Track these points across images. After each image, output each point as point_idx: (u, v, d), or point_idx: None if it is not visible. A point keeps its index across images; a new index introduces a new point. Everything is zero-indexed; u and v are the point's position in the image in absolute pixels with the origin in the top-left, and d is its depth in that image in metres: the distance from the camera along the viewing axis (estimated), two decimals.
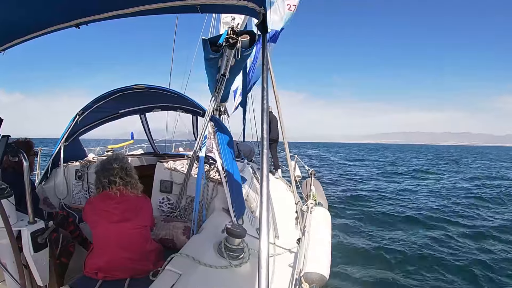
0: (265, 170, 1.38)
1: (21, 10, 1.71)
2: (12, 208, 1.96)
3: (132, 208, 2.19)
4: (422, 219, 9.84)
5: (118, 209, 2.14)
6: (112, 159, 2.28)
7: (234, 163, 3.07)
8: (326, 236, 2.88)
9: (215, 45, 2.62)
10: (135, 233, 2.17)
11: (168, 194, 3.31)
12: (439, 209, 11.28)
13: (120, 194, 2.18)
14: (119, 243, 2.11)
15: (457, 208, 11.63)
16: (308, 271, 2.28)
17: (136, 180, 2.32)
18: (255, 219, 3.41)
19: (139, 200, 2.28)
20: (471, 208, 11.84)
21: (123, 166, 2.24)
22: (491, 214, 10.93)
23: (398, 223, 9.57)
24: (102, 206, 2.15)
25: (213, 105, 3.07)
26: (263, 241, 1.18)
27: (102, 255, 2.12)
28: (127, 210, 2.17)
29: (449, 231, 8.73)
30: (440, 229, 8.95)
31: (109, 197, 2.17)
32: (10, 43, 2.05)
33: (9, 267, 1.95)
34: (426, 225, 9.31)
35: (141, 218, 2.22)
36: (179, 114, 5.25)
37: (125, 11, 1.74)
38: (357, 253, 6.99)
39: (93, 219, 2.18)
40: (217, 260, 2.04)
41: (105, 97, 3.66)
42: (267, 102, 1.58)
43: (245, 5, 1.56)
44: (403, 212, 10.97)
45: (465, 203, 12.50)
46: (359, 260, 6.59)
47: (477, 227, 9.14)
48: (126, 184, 2.21)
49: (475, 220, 10.14)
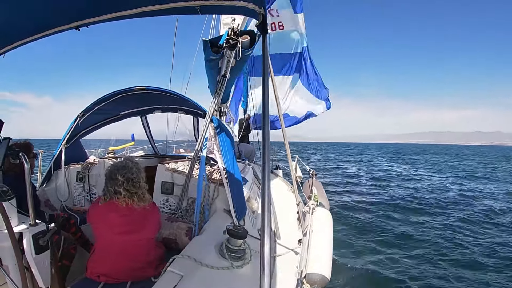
0: (266, 170, 1.38)
1: (21, 13, 1.72)
2: (13, 211, 1.97)
3: (137, 221, 2.12)
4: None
5: (123, 222, 2.08)
6: (118, 169, 2.14)
7: (235, 164, 3.06)
8: (327, 237, 2.87)
9: (216, 46, 2.62)
10: (139, 245, 2.12)
11: (169, 196, 3.31)
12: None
13: (126, 206, 2.10)
14: (121, 253, 2.08)
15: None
16: (309, 272, 2.28)
17: (144, 190, 2.20)
18: (257, 220, 3.40)
19: (146, 212, 2.18)
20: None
21: (129, 178, 2.11)
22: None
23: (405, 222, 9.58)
24: (107, 216, 2.08)
25: (213, 106, 3.07)
26: (265, 242, 1.18)
27: (104, 262, 2.10)
28: (132, 223, 2.10)
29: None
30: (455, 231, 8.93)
31: (115, 208, 2.09)
32: (10, 45, 2.05)
33: (10, 269, 1.95)
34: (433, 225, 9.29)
35: (146, 231, 2.15)
36: (179, 116, 5.25)
37: (125, 12, 1.74)
38: (359, 254, 6.99)
39: (97, 226, 2.14)
40: (219, 261, 2.04)
41: (106, 99, 3.66)
42: (267, 103, 1.58)
43: (245, 6, 1.56)
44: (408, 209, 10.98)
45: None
46: (361, 260, 6.59)
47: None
48: (132, 196, 2.11)
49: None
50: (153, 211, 2.27)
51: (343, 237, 7.91)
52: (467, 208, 12.09)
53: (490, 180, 22.50)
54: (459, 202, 13.30)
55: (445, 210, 11.57)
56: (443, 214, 10.89)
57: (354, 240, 7.91)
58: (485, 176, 25.05)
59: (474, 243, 7.87)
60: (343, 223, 9.25)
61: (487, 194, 15.76)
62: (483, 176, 25.05)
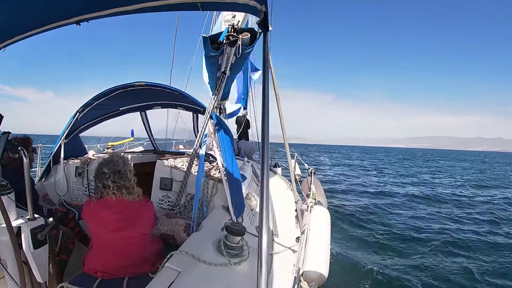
0: (265, 168, 1.38)
1: (21, 7, 1.71)
2: (12, 205, 1.97)
3: (130, 217, 2.12)
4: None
5: (116, 219, 2.08)
6: (104, 164, 2.18)
7: (234, 161, 3.06)
8: (325, 235, 2.88)
9: (216, 43, 2.62)
10: (133, 242, 2.13)
11: (168, 192, 3.31)
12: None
13: (117, 200, 2.11)
14: (115, 250, 2.09)
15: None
16: (307, 269, 2.29)
17: (132, 183, 2.21)
18: (255, 217, 3.41)
19: (138, 206, 2.19)
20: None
21: (115, 170, 2.13)
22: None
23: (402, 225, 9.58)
24: (100, 213, 2.09)
25: (213, 103, 3.07)
26: (263, 239, 1.18)
27: (99, 258, 2.11)
28: (125, 219, 2.10)
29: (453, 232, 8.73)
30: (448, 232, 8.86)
31: (106, 205, 2.10)
32: (10, 39, 2.04)
33: (8, 264, 1.95)
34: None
35: (139, 227, 2.15)
36: (179, 112, 5.24)
37: (126, 8, 1.73)
38: (357, 252, 7.02)
39: (91, 224, 2.16)
40: (217, 258, 2.05)
41: (106, 94, 3.66)
42: (268, 101, 1.58)
43: (247, 3, 1.55)
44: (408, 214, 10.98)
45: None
46: (359, 259, 6.61)
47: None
48: (120, 189, 2.12)
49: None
50: (147, 206, 2.27)
51: (341, 236, 7.94)
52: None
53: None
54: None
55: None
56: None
57: (352, 238, 7.94)
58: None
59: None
60: (342, 221, 9.28)
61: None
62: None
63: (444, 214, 11.18)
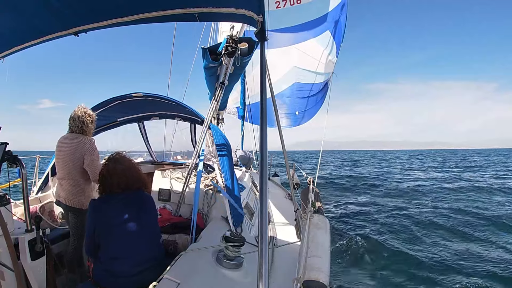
0: (264, 177, 1.38)
1: (20, 18, 1.73)
2: (10, 216, 1.95)
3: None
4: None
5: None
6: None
7: (232, 171, 3.06)
8: (325, 244, 2.86)
9: (215, 54, 2.64)
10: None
11: (166, 203, 3.29)
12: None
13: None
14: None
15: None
16: (307, 279, 2.26)
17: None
18: (254, 227, 3.39)
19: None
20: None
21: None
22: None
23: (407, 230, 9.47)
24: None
25: (211, 113, 3.08)
26: (262, 249, 1.17)
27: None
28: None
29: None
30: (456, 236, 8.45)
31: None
32: (9, 50, 2.06)
33: (6, 275, 1.93)
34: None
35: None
36: (177, 122, 5.26)
37: (124, 19, 1.76)
38: (358, 261, 6.95)
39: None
40: (216, 269, 2.03)
41: (104, 105, 3.66)
42: (266, 111, 1.59)
43: (243, 13, 1.58)
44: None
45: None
46: (360, 268, 6.54)
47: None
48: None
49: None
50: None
51: (341, 244, 7.87)
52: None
53: None
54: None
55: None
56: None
57: (352, 247, 7.86)
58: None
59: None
60: (342, 230, 9.21)
61: None
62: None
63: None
